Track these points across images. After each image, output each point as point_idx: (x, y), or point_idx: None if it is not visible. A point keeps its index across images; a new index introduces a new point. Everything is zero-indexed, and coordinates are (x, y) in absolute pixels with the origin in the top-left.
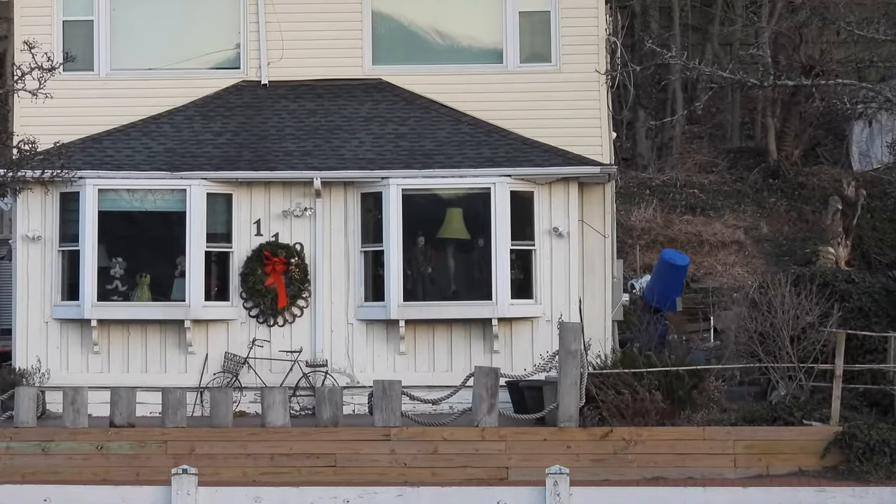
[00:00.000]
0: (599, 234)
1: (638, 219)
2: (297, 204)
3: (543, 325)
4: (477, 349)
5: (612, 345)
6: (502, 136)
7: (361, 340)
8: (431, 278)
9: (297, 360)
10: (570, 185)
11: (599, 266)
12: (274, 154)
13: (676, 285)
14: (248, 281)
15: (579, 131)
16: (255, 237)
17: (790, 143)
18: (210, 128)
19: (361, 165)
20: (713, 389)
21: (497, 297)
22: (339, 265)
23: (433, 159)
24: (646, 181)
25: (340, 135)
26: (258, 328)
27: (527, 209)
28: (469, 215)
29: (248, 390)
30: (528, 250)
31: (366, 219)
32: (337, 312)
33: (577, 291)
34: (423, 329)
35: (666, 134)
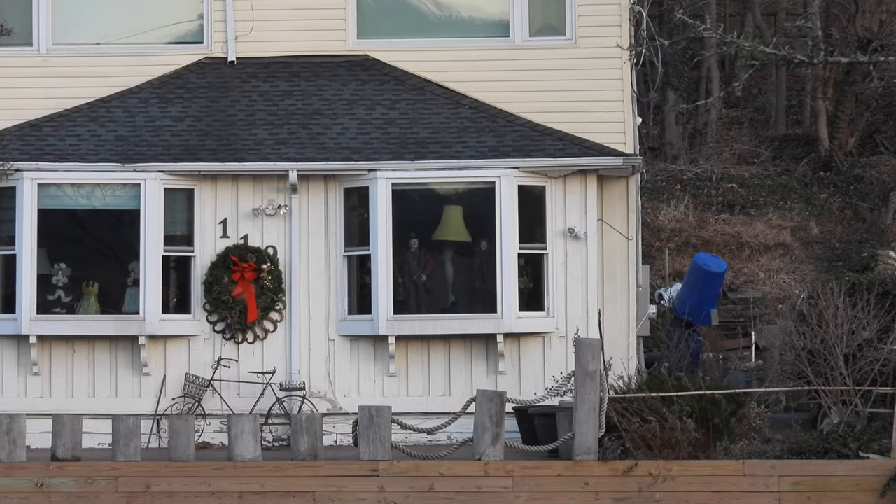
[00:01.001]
0: (622, 236)
1: (667, 218)
2: (269, 201)
3: (557, 342)
4: (479, 370)
5: (637, 365)
6: (508, 121)
7: (345, 360)
8: (426, 287)
9: (270, 382)
10: (587, 178)
11: (622, 273)
12: (243, 143)
13: (712, 295)
14: (213, 290)
15: (598, 116)
16: (220, 239)
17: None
18: (168, 112)
19: (344, 156)
20: (755, 417)
21: (503, 309)
22: (319, 272)
23: (428, 149)
24: (676, 174)
25: (320, 120)
26: (224, 345)
27: (537, 207)
28: (470, 214)
29: (212, 418)
30: (538, 255)
31: (350, 218)
32: (316, 327)
33: (595, 303)
34: (416, 346)
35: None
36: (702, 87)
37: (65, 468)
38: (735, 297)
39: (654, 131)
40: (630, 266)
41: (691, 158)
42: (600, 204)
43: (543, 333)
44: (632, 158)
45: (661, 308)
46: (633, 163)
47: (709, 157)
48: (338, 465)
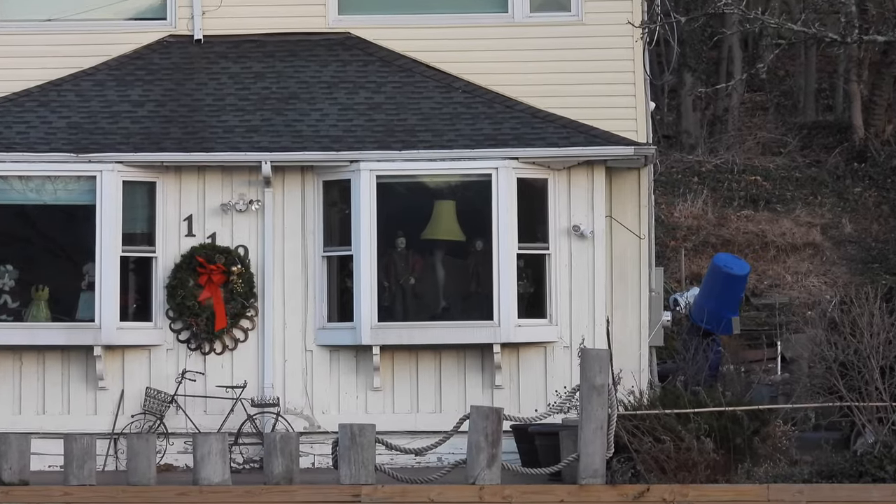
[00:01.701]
0: (633, 235)
1: (683, 214)
2: (239, 195)
3: (560, 353)
4: (474, 383)
5: (650, 378)
6: (507, 106)
7: (323, 372)
8: (415, 292)
9: (241, 397)
10: (594, 170)
11: (633, 276)
12: (210, 130)
13: (733, 301)
14: (177, 295)
15: (607, 101)
16: (185, 238)
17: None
18: (128, 96)
19: (324, 145)
20: (780, 436)
21: (500, 316)
22: (295, 275)
23: (417, 137)
24: (694, 166)
25: (297, 105)
26: (189, 357)
27: (539, 202)
28: (464, 210)
29: (176, 437)
30: (540, 255)
31: (330, 215)
32: (292, 336)
33: (603, 309)
34: (403, 358)
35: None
36: (722, 68)
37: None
38: (759, 303)
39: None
40: (642, 268)
41: (710, 148)
42: (609, 199)
43: (545, 343)
44: (644, 148)
45: (677, 315)
46: (646, 153)
47: (730, 146)
48: (315, 489)
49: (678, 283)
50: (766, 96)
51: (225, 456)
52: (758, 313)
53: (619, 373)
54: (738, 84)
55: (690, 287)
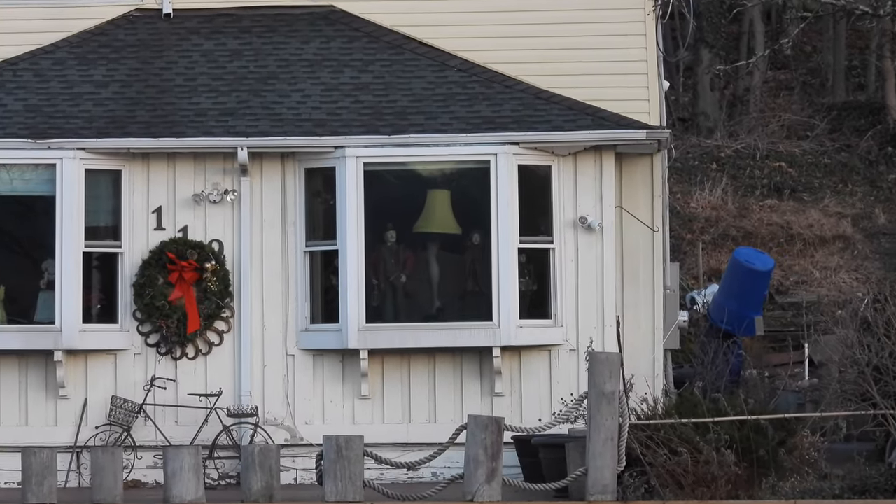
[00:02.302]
0: (646, 227)
1: (701, 204)
2: (214, 185)
3: (566, 357)
4: (472, 391)
5: (665, 384)
6: (507, 86)
7: (306, 379)
8: (406, 290)
9: (216, 407)
10: (603, 156)
11: (646, 272)
12: (181, 114)
13: (755, 299)
14: (145, 295)
15: (616, 80)
16: (154, 232)
17: None
18: (90, 76)
19: (306, 129)
20: (808, 447)
21: (500, 316)
22: (275, 272)
23: (408, 120)
24: (712, 151)
25: (276, 86)
26: (159, 362)
27: (542, 191)
28: (460, 200)
29: (144, 450)
30: (543, 250)
31: (312, 206)
32: (271, 339)
33: (613, 308)
34: (394, 362)
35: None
36: (743, 44)
37: None
38: (784, 302)
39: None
40: (655, 263)
41: (730, 132)
42: (619, 187)
43: (549, 346)
44: (657, 132)
45: (694, 315)
46: (659, 137)
47: (751, 129)
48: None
49: (695, 280)
50: (792, 74)
51: (198, 471)
52: (783, 313)
53: (630, 378)
54: (761, 61)
55: (709, 284)
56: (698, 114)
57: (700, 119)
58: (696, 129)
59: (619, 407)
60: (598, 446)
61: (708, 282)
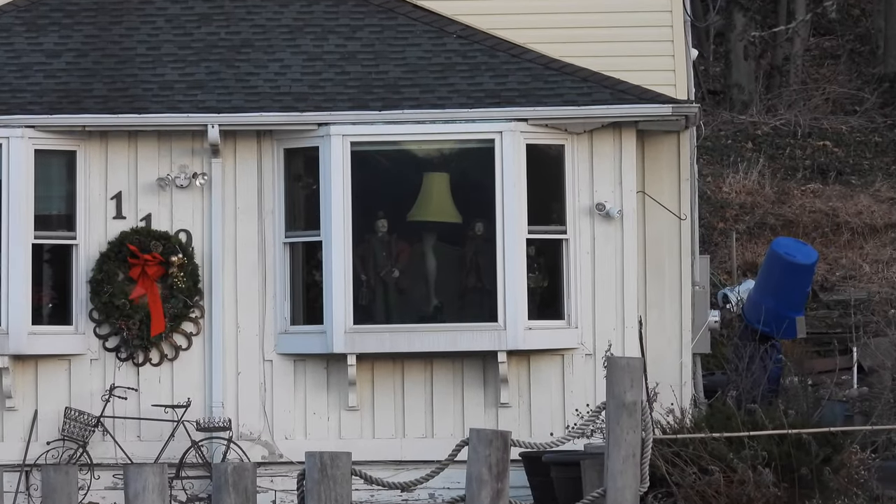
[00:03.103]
0: (672, 215)
1: (734, 189)
2: (181, 168)
3: (581, 363)
4: (474, 401)
5: (694, 393)
6: (513, 55)
7: (286, 388)
8: (399, 287)
9: (183, 419)
10: (623, 134)
11: (672, 266)
12: (143, 87)
13: (797, 297)
14: (103, 292)
15: (638, 48)
16: (113, 221)
17: None
18: (40, 45)
19: (285, 104)
20: (857, 465)
21: (506, 316)
22: (250, 266)
23: (401, 94)
24: (747, 128)
25: (251, 55)
26: (119, 368)
27: (553, 174)
28: (460, 185)
29: (103, 469)
30: (555, 241)
31: (293, 191)
32: (246, 342)
33: (635, 307)
34: (385, 369)
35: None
36: (782, 6)
37: None
38: (829, 299)
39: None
40: (682, 256)
41: (767, 106)
42: (641, 170)
43: (562, 350)
44: (685, 106)
45: (727, 315)
46: (687, 112)
47: (792, 104)
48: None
49: (728, 274)
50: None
51: (164, 492)
52: (828, 312)
53: (654, 387)
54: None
55: (744, 280)
56: (731, 86)
57: (733, 92)
58: (728, 103)
59: (642, 419)
60: (617, 464)
61: (743, 277)
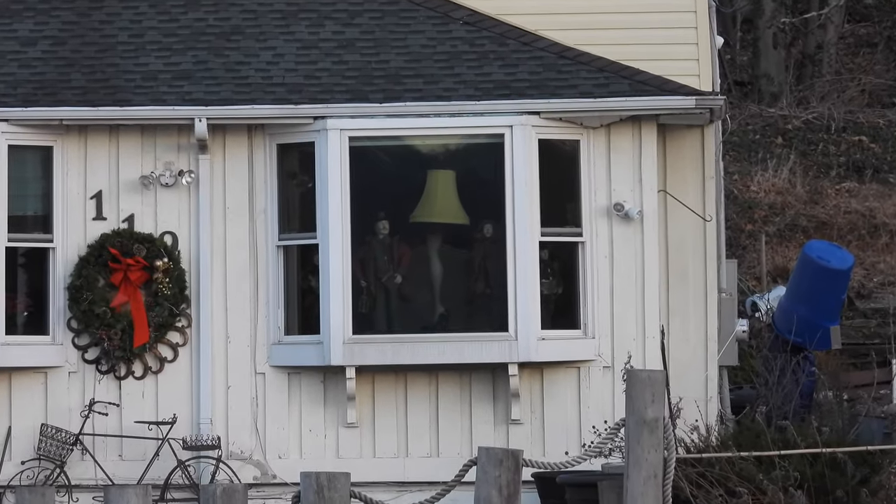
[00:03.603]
0: (696, 216)
1: (763, 188)
2: (166, 165)
3: (598, 375)
4: (483, 417)
5: (720, 409)
6: (524, 43)
7: (280, 403)
8: (402, 294)
9: (169, 437)
10: (643, 128)
11: (696, 271)
12: (125, 77)
13: (831, 304)
14: (82, 299)
15: (658, 35)
16: (93, 223)
17: None
18: (14, 32)
19: (278, 96)
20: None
21: (517, 325)
22: (241, 271)
23: (403, 85)
24: (776, 122)
25: (241, 43)
26: (100, 382)
27: (568, 172)
28: (467, 183)
29: (82, 490)
30: (570, 244)
31: (287, 189)
32: (237, 354)
33: (657, 316)
34: (387, 382)
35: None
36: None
37: None
38: (867, 307)
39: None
40: (708, 261)
41: (799, 98)
42: (662, 167)
43: (578, 362)
44: (709, 99)
45: (756, 324)
46: (712, 105)
47: (825, 96)
48: None
49: (757, 281)
50: (874, 28)
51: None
52: (865, 321)
53: (678, 402)
54: (836, 12)
55: (774, 286)
56: (759, 77)
57: (762, 83)
58: (756, 95)
59: (664, 437)
60: (638, 486)
61: (773, 283)
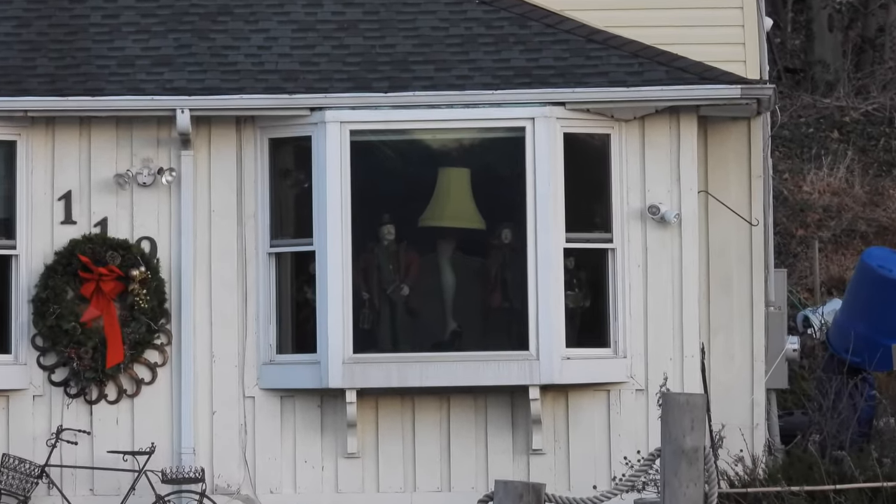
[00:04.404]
0: (741, 220)
1: (817, 189)
2: (143, 162)
3: (630, 399)
4: (500, 447)
5: (768, 438)
6: (548, 25)
7: (271, 430)
8: (409, 308)
9: (146, 469)
10: (682, 121)
11: (741, 282)
12: (98, 63)
13: (893, 320)
14: (49, 314)
15: (700, 16)
16: (61, 227)
17: None
18: None
19: (271, 85)
20: None
21: (539, 343)
22: (228, 281)
23: (411, 73)
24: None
25: (229, 25)
26: (69, 407)
27: (596, 170)
28: (483, 183)
29: None
30: (599, 251)
31: (280, 190)
32: (223, 375)
33: (696, 332)
34: (392, 407)
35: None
36: None
37: None
38: None
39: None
40: (754, 270)
41: (857, 88)
42: (703, 165)
43: (608, 385)
44: (756, 88)
45: (808, 341)
46: (760, 95)
47: (887, 84)
48: None
49: (810, 293)
50: None
51: None
52: None
53: (720, 430)
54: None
55: (829, 299)
56: (813, 63)
57: (816, 70)
58: (809, 84)
59: (705, 469)
60: None
61: (827, 295)
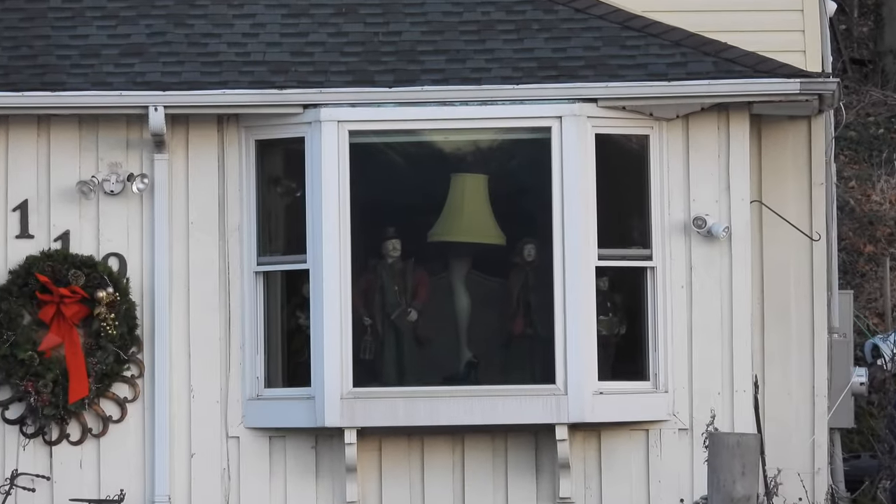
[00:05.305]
0: (800, 234)
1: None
2: (111, 167)
3: (672, 440)
4: (522, 493)
5: (831, 484)
6: (577, 9)
7: (258, 475)
8: (417, 336)
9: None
10: (731, 121)
11: (800, 305)
12: (59, 53)
13: None
14: (1, 341)
15: (749, 1)
16: (16, 241)
17: None
18: None
19: (258, 78)
20: None
21: (566, 375)
22: (209, 304)
23: (420, 65)
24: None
25: (210, 9)
26: (25, 448)
27: (633, 177)
28: (502, 191)
29: None
30: (636, 270)
31: (268, 199)
32: (203, 411)
33: (749, 363)
34: (398, 448)
35: None
36: None
37: None
38: None
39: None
40: (816, 292)
41: None
42: (756, 171)
43: (647, 423)
44: (817, 82)
45: (878, 374)
46: (821, 90)
47: None
48: None
49: (879, 317)
50: None
51: None
52: None
53: (776, 475)
54: None
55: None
56: (884, 53)
57: (887, 62)
58: (880, 77)
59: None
60: None
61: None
